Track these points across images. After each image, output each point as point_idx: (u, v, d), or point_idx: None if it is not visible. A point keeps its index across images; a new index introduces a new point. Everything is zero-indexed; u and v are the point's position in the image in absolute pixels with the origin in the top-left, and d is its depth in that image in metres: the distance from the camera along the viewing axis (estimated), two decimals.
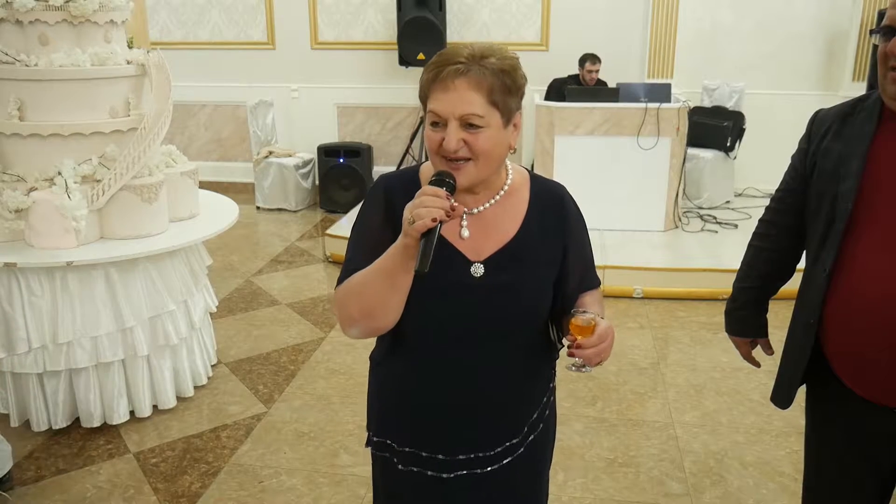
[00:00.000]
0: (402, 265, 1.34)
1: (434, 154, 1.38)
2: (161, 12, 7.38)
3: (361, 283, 1.40)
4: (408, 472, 1.57)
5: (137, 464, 3.11)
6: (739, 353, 2.07)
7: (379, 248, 1.38)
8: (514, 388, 1.54)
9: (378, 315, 1.40)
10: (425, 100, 1.38)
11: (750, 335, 2.03)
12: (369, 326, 1.43)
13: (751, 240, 1.99)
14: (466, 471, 1.55)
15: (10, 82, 3.19)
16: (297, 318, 4.61)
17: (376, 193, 1.49)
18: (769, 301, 2.01)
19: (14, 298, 3.10)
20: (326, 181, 6.93)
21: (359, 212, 1.52)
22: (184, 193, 3.64)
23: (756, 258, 1.97)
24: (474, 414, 1.52)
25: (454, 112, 1.33)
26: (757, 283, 1.98)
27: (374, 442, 1.61)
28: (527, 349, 1.53)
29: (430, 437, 1.54)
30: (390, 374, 1.57)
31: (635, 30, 6.85)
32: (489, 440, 1.54)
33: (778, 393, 1.89)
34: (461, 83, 1.32)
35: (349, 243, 1.50)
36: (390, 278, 1.36)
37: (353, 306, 1.41)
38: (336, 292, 1.46)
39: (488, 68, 1.33)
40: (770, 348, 2.04)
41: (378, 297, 1.38)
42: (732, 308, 2.03)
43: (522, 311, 1.48)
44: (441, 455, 1.54)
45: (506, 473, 1.57)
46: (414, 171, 1.51)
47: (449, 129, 1.33)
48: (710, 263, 5.06)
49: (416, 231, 1.27)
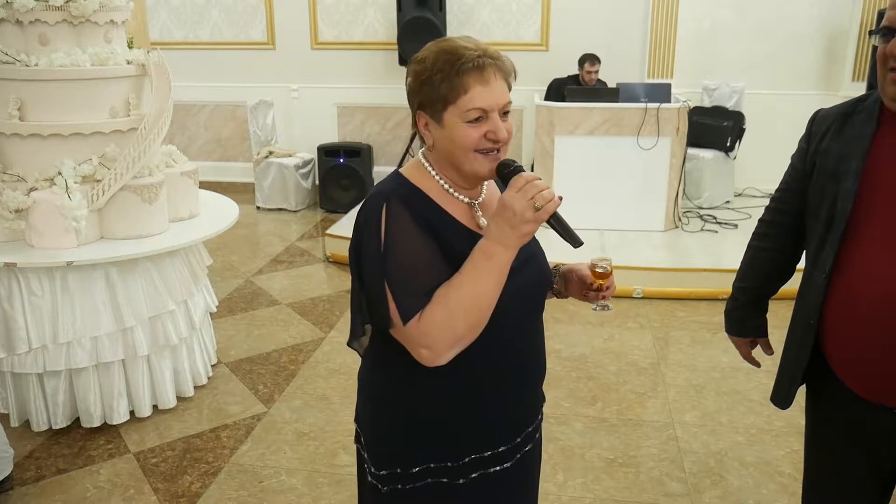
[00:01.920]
0: (510, 261, 1.35)
1: (469, 149, 1.38)
2: (161, 12, 7.38)
3: (470, 296, 1.32)
4: (467, 485, 1.49)
5: (137, 464, 3.11)
6: (739, 353, 2.07)
7: (439, 265, 1.36)
8: (544, 357, 1.62)
9: (484, 324, 1.36)
10: (448, 99, 1.36)
11: (749, 335, 2.03)
12: (471, 339, 1.36)
13: (750, 240, 1.99)
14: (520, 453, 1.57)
15: (10, 82, 3.20)
16: (297, 318, 4.61)
17: (398, 215, 1.35)
18: (769, 301, 2.01)
19: (14, 298, 3.10)
20: (326, 181, 6.94)
21: (386, 240, 1.34)
22: (184, 193, 3.64)
23: (756, 258, 1.97)
24: (535, 381, 1.58)
25: (498, 103, 1.37)
26: (756, 283, 1.98)
27: (432, 469, 1.48)
28: (542, 310, 1.60)
29: (500, 429, 1.52)
30: (448, 388, 1.45)
31: (635, 30, 6.85)
32: (539, 404, 1.63)
33: (778, 393, 1.89)
34: (498, 75, 1.38)
35: (392, 275, 1.34)
36: (503, 277, 1.35)
37: (461, 324, 1.32)
38: (420, 325, 1.33)
39: (500, 58, 1.40)
40: (770, 348, 2.04)
41: (491, 302, 1.35)
42: (732, 308, 2.03)
43: (547, 278, 1.58)
44: (503, 447, 1.53)
45: (533, 454, 1.63)
46: (406, 181, 1.44)
47: (496, 120, 1.37)
48: (710, 263, 5.06)
49: (547, 214, 1.32)
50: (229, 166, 7.66)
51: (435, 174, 1.44)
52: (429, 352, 1.34)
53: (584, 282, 1.61)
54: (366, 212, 1.38)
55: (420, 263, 1.35)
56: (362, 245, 1.37)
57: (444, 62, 1.35)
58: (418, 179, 1.44)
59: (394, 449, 1.50)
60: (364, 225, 1.38)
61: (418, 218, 1.37)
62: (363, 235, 1.37)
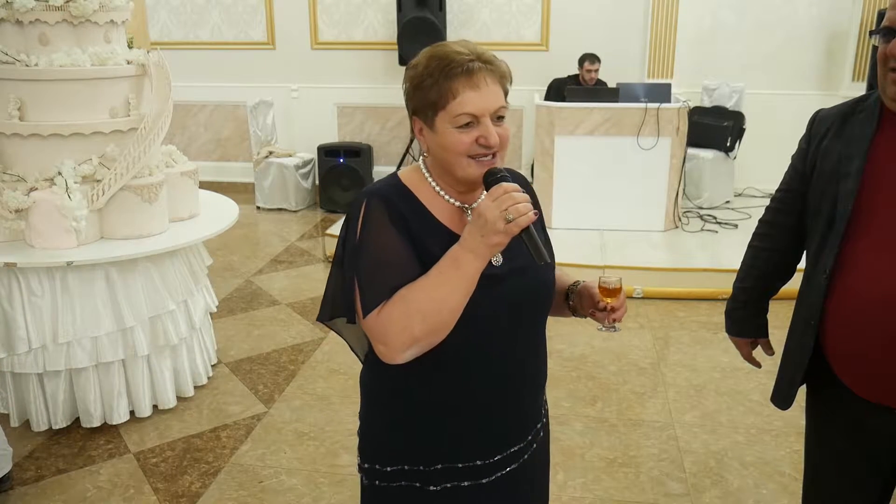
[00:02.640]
0: (479, 270, 1.33)
1: (461, 155, 1.37)
2: (161, 12, 7.38)
3: (431, 299, 1.32)
4: (438, 494, 1.49)
5: (137, 464, 3.11)
6: (740, 353, 2.07)
7: (409, 264, 1.36)
8: (544, 366, 1.59)
9: (444, 329, 1.34)
10: (437, 105, 1.36)
11: (750, 335, 2.03)
12: (430, 344, 1.35)
13: (751, 240, 1.99)
14: (513, 465, 1.54)
15: (10, 82, 3.20)
16: (297, 318, 4.61)
17: (376, 211, 1.39)
18: (769, 301, 2.01)
19: (14, 298, 3.10)
20: (326, 181, 6.94)
21: (361, 235, 1.39)
22: (184, 193, 3.64)
23: (756, 258, 1.97)
24: (520, 403, 1.54)
25: (489, 108, 1.36)
26: (757, 283, 1.97)
27: (406, 472, 1.50)
28: (543, 326, 1.57)
29: (477, 444, 1.50)
30: (427, 392, 1.47)
31: (635, 30, 6.85)
32: (530, 426, 1.58)
33: (778, 393, 1.89)
34: (490, 79, 1.36)
35: (361, 269, 1.37)
36: (470, 285, 1.33)
37: (418, 326, 1.32)
38: (378, 319, 1.34)
39: (494, 63, 1.38)
40: (770, 348, 2.04)
41: (455, 309, 1.33)
42: (732, 308, 2.03)
43: (545, 287, 1.53)
44: (479, 461, 1.50)
45: (540, 454, 1.63)
46: (398, 182, 1.46)
47: (488, 125, 1.36)
48: (710, 263, 5.06)
49: (518, 228, 1.29)
50: (229, 166, 7.66)
51: (429, 178, 1.45)
52: (385, 348, 1.36)
53: (593, 299, 1.56)
54: (350, 207, 1.45)
55: (389, 259, 1.36)
56: (345, 238, 1.43)
57: (435, 67, 1.35)
58: (412, 182, 1.45)
59: (375, 445, 1.55)
60: (347, 219, 1.44)
61: (395, 216, 1.39)
62: (345, 229, 1.44)
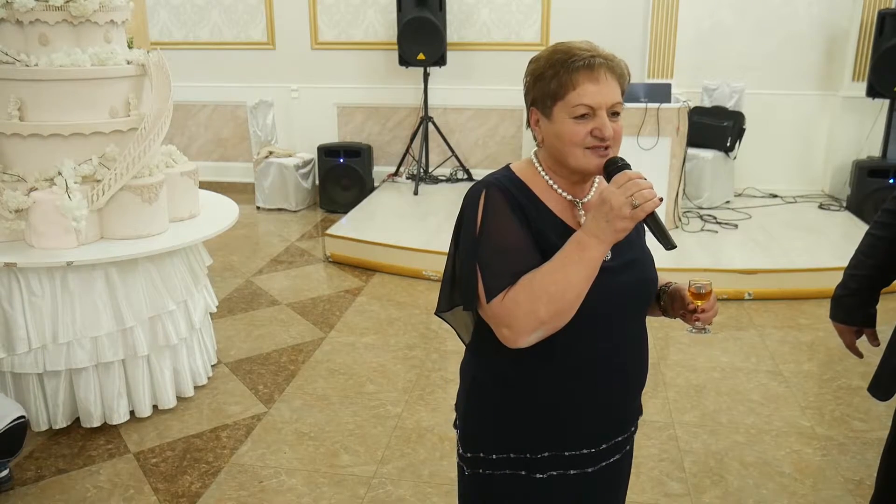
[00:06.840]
0: (603, 255, 1.38)
1: (576, 146, 1.43)
2: (161, 12, 7.38)
3: (557, 282, 1.36)
4: (544, 482, 1.53)
5: (137, 464, 3.11)
6: (843, 341, 2.02)
7: (530, 251, 1.42)
8: (647, 358, 1.64)
9: (569, 313, 1.39)
10: (557, 95, 1.42)
11: (857, 323, 1.99)
12: (555, 327, 1.40)
13: (870, 228, 1.97)
14: (608, 460, 1.59)
15: (10, 82, 3.20)
16: (297, 318, 4.61)
17: (495, 200, 1.44)
18: (880, 292, 1.97)
19: (14, 298, 3.10)
20: (326, 181, 6.93)
21: (481, 223, 1.43)
22: (184, 193, 3.64)
23: (874, 247, 1.93)
24: (626, 394, 1.58)
25: (606, 102, 1.42)
26: (872, 272, 1.94)
27: (511, 460, 1.54)
28: (645, 320, 1.62)
29: (584, 433, 1.55)
30: (536, 382, 1.50)
31: (635, 30, 6.85)
32: (631, 418, 1.65)
33: (877, 384, 1.84)
34: (609, 75, 1.43)
35: (483, 256, 1.42)
36: (593, 270, 1.38)
37: (544, 308, 1.36)
38: (503, 304, 1.39)
39: (614, 60, 1.45)
40: (876, 339, 1.99)
41: (580, 293, 1.38)
42: (842, 294, 1.99)
43: (650, 287, 1.59)
44: (586, 450, 1.55)
45: (632, 448, 1.70)
46: (512, 174, 1.52)
47: (603, 118, 1.41)
48: (711, 263, 5.05)
49: (644, 213, 1.34)
50: (229, 166, 7.66)
51: (541, 170, 1.51)
52: (509, 331, 1.39)
53: (683, 301, 1.60)
54: (467, 198, 1.48)
55: (510, 246, 1.42)
56: (462, 227, 1.48)
57: (557, 60, 1.43)
58: (525, 174, 1.51)
59: (478, 433, 1.57)
60: (464, 209, 1.48)
61: (514, 205, 1.44)
62: (463, 218, 1.48)
